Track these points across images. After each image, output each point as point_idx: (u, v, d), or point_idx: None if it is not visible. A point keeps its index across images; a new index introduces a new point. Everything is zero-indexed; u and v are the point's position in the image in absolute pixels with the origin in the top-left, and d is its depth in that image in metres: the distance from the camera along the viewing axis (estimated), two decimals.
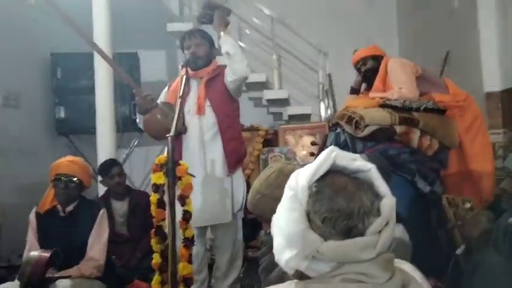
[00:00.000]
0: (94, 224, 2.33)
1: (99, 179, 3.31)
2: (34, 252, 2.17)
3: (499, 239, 1.70)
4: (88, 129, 3.97)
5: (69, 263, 2.24)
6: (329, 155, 0.86)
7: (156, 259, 2.07)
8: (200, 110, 2.53)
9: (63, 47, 4.25)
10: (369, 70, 2.74)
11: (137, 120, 2.65)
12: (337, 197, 0.81)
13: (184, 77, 2.36)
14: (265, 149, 4.32)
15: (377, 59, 2.73)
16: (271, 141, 4.45)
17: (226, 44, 2.47)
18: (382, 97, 2.47)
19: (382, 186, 0.84)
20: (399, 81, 2.53)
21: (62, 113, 4.42)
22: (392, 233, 0.80)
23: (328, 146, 2.42)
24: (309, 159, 3.42)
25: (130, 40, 4.36)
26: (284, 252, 0.83)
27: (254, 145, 4.33)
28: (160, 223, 2.07)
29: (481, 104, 3.08)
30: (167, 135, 1.97)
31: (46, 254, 2.13)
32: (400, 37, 5.25)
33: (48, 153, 4.16)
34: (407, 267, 0.89)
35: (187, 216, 2.10)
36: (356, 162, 0.87)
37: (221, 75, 2.56)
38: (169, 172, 1.96)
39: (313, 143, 3.23)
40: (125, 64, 4.19)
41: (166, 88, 2.74)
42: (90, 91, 3.75)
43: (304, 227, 0.80)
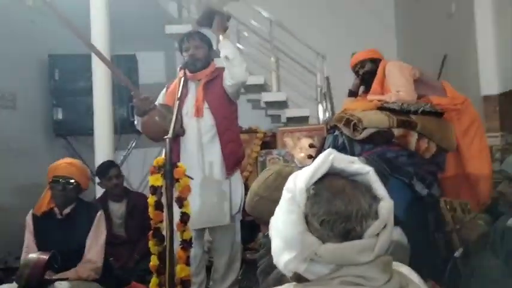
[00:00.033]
0: (91, 226, 2.33)
1: (96, 181, 3.30)
2: (32, 254, 2.16)
3: (497, 242, 1.70)
4: (86, 130, 3.95)
5: (66, 265, 2.23)
6: (327, 158, 0.86)
7: (154, 261, 2.07)
8: (198, 112, 2.53)
9: (61, 49, 4.25)
10: (367, 73, 2.75)
11: (135, 122, 2.66)
12: (335, 200, 0.81)
13: (182, 79, 2.37)
14: (263, 151, 4.32)
15: (375, 62, 2.73)
16: (269, 143, 4.45)
17: (225, 49, 2.48)
18: (380, 100, 2.48)
19: (380, 189, 0.85)
20: (397, 84, 2.54)
21: (60, 115, 4.41)
22: (390, 236, 0.80)
23: (326, 149, 2.43)
24: (307, 161, 3.42)
25: (128, 42, 4.37)
26: (282, 254, 0.83)
27: (252, 147, 4.33)
28: (158, 225, 2.07)
29: (479, 107, 3.08)
30: (165, 137, 1.97)
31: (44, 257, 2.12)
32: (398, 40, 5.27)
33: (45, 154, 4.16)
34: (405, 269, 0.89)
35: (185, 218, 2.10)
36: (354, 165, 0.87)
37: (219, 77, 2.56)
38: (167, 174, 1.96)
39: (311, 146, 3.24)
40: (123, 66, 4.18)
41: (164, 90, 2.74)
42: (88, 93, 3.74)
43: (302, 230, 0.80)
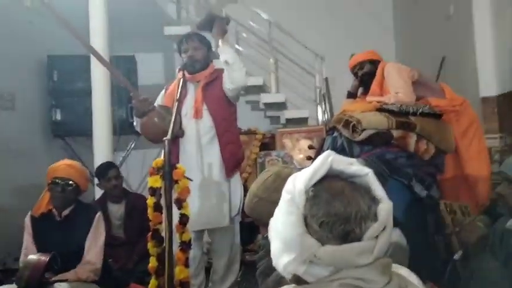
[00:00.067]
0: (90, 228, 2.32)
1: (95, 182, 3.30)
2: (32, 255, 2.15)
3: (496, 244, 1.70)
4: (84, 131, 3.94)
5: (65, 267, 2.23)
6: (326, 160, 0.86)
7: (153, 263, 2.07)
8: (197, 114, 2.53)
9: (59, 49, 4.25)
10: (366, 74, 2.75)
11: (134, 123, 2.65)
12: (334, 201, 0.81)
13: (181, 80, 2.36)
14: (262, 153, 4.32)
15: (374, 64, 2.74)
16: (268, 144, 4.45)
17: (225, 53, 2.49)
18: (379, 101, 2.48)
19: (379, 190, 0.85)
20: (396, 85, 2.54)
21: (59, 115, 4.41)
22: (389, 238, 0.80)
23: (325, 150, 2.43)
24: (306, 162, 3.42)
25: (127, 43, 4.36)
26: (281, 256, 0.83)
27: (251, 149, 4.33)
28: (157, 226, 2.07)
29: (477, 109, 3.09)
30: (164, 138, 1.97)
31: (44, 258, 2.11)
32: (397, 42, 5.27)
33: (44, 155, 4.15)
34: (404, 271, 0.89)
35: (184, 219, 2.09)
36: (353, 166, 0.87)
37: (219, 79, 2.56)
38: (166, 175, 1.95)
39: (310, 147, 3.24)
40: (122, 67, 4.18)
41: (163, 91, 2.74)
42: (86, 93, 3.74)
43: (301, 232, 0.80)
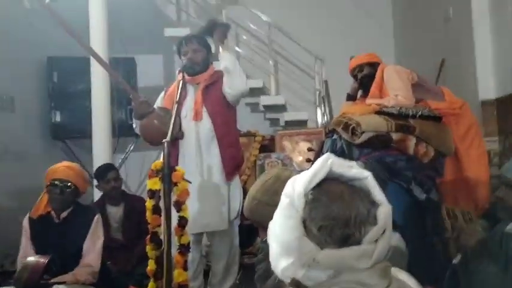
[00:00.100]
0: (89, 230, 2.32)
1: (94, 184, 3.29)
2: (31, 257, 2.15)
3: (495, 248, 1.70)
4: (84, 133, 3.94)
5: (64, 269, 2.22)
6: (325, 163, 0.85)
7: (151, 266, 2.06)
8: (197, 116, 2.53)
9: (59, 51, 4.25)
10: (365, 77, 2.75)
11: (134, 125, 2.65)
12: (333, 205, 0.81)
13: (180, 82, 2.36)
14: (261, 155, 4.32)
15: (373, 66, 2.74)
16: (268, 147, 4.45)
17: (225, 60, 2.50)
18: (378, 104, 2.48)
19: (378, 194, 0.84)
20: (395, 88, 2.54)
21: (58, 117, 4.40)
22: (389, 242, 0.80)
23: (324, 153, 2.42)
24: (306, 165, 3.41)
25: (127, 45, 4.36)
26: (280, 260, 0.83)
27: (251, 151, 4.33)
28: (155, 229, 2.06)
29: (476, 112, 3.09)
30: (163, 140, 1.96)
31: (43, 260, 2.11)
32: (396, 44, 5.28)
33: (43, 157, 4.14)
34: (403, 276, 0.89)
35: (183, 222, 2.09)
36: (352, 169, 0.87)
37: (219, 81, 2.56)
38: (165, 178, 1.95)
39: (309, 149, 3.24)
40: (122, 69, 4.19)
41: (162, 93, 2.73)
42: (86, 95, 3.73)
43: (300, 235, 0.80)
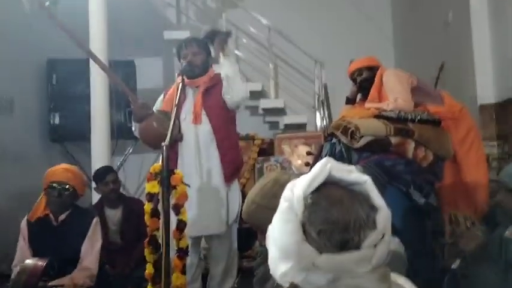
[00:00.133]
0: (87, 233, 2.32)
1: (93, 186, 3.28)
2: (29, 260, 2.14)
3: (495, 253, 1.69)
4: (83, 136, 3.93)
5: (61, 272, 2.21)
6: (324, 167, 0.85)
7: (149, 269, 2.05)
8: (196, 119, 2.53)
9: (59, 53, 4.25)
10: (365, 80, 2.75)
11: (133, 128, 2.64)
12: (332, 209, 0.80)
13: (180, 85, 2.36)
14: (260, 158, 4.32)
15: (372, 70, 2.74)
16: (267, 150, 4.45)
17: (226, 67, 2.50)
18: (377, 108, 2.48)
19: (377, 198, 0.84)
20: (394, 92, 2.54)
21: (57, 119, 4.39)
22: (388, 247, 0.80)
23: (323, 156, 2.42)
24: (305, 168, 3.41)
25: (127, 48, 4.37)
26: (279, 264, 0.82)
27: (250, 154, 4.33)
28: (154, 232, 2.05)
29: (475, 116, 3.09)
30: (162, 144, 1.95)
31: (41, 263, 2.10)
32: (396, 48, 5.29)
33: (42, 159, 4.14)
34: (402, 281, 0.89)
35: (181, 226, 2.08)
36: (352, 174, 0.87)
37: (219, 85, 2.56)
38: (163, 181, 1.93)
39: (308, 153, 3.23)
40: (121, 71, 4.18)
41: (161, 96, 2.73)
42: (85, 98, 3.73)
43: (299, 239, 0.80)
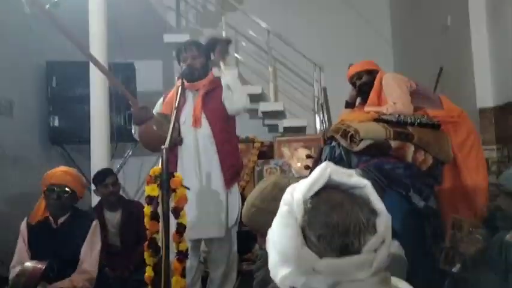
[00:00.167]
0: (86, 236, 2.31)
1: (92, 189, 3.28)
2: (28, 263, 2.14)
3: (495, 257, 1.69)
4: (82, 138, 3.93)
5: (61, 275, 2.21)
6: (324, 171, 0.85)
7: (149, 272, 2.04)
8: (196, 122, 2.53)
9: (58, 56, 4.25)
10: (364, 84, 2.76)
11: (132, 131, 2.64)
12: (332, 213, 0.80)
13: (179, 88, 2.36)
14: (260, 161, 4.32)
15: (372, 74, 2.75)
16: (266, 153, 4.45)
17: (226, 77, 2.50)
18: (376, 111, 2.49)
19: (377, 203, 0.84)
20: (394, 95, 2.55)
21: (56, 122, 4.39)
22: (388, 251, 0.79)
23: (323, 160, 2.42)
24: (304, 171, 3.41)
25: (126, 50, 4.37)
26: (279, 268, 0.82)
27: (249, 157, 4.33)
28: (153, 236, 2.05)
29: (475, 120, 3.09)
30: (162, 147, 1.95)
31: (40, 266, 2.10)
32: (395, 52, 5.30)
33: (41, 162, 4.13)
34: (403, 285, 0.88)
35: (181, 229, 2.08)
36: (352, 178, 0.87)
37: (219, 89, 2.56)
38: (163, 184, 1.93)
39: (308, 156, 3.23)
40: (121, 74, 4.19)
41: (161, 99, 2.74)
42: (85, 100, 3.72)
43: (299, 244, 0.79)
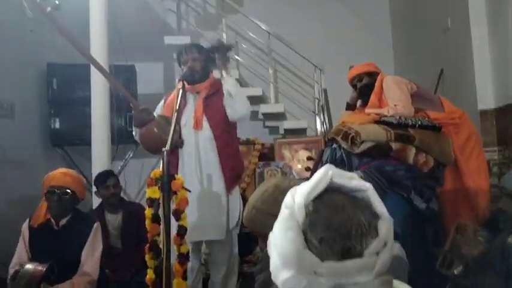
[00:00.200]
0: (88, 238, 2.31)
1: (93, 191, 3.27)
2: (29, 265, 2.13)
3: (497, 260, 1.69)
4: (83, 140, 3.93)
5: (62, 278, 2.21)
6: (325, 174, 0.85)
7: (150, 275, 2.04)
8: (197, 125, 2.52)
9: (59, 58, 4.25)
10: (365, 86, 2.76)
11: (133, 133, 2.64)
12: (334, 217, 0.80)
13: (180, 91, 2.36)
14: (261, 163, 4.32)
15: (372, 76, 2.75)
16: (267, 155, 4.45)
17: (228, 84, 2.50)
18: (377, 113, 2.49)
19: (379, 206, 0.84)
20: (394, 98, 2.55)
21: (57, 124, 4.38)
22: (390, 254, 0.79)
23: (324, 162, 2.42)
24: (305, 173, 3.41)
25: (127, 52, 4.37)
26: (281, 272, 0.82)
27: (250, 159, 4.33)
28: (155, 238, 2.05)
29: (475, 122, 3.09)
30: (163, 149, 1.95)
31: (41, 268, 2.09)
32: (395, 54, 5.30)
33: (42, 164, 4.13)
34: None
35: (182, 231, 2.08)
36: (353, 181, 0.87)
37: (220, 91, 2.55)
38: (164, 186, 1.93)
39: (309, 158, 3.24)
40: (122, 76, 4.19)
41: (162, 101, 2.73)
42: (86, 102, 3.72)
43: (300, 247, 0.79)
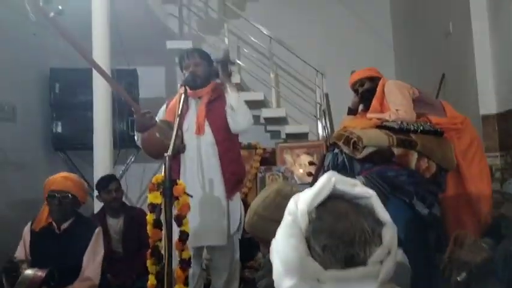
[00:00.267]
0: (89, 243, 2.31)
1: (95, 195, 3.27)
2: (29, 271, 2.13)
3: (499, 266, 1.68)
4: (85, 145, 3.93)
5: (62, 283, 2.20)
6: (328, 180, 0.85)
7: (152, 281, 2.03)
8: (199, 130, 2.52)
9: (62, 62, 4.27)
10: (366, 91, 2.76)
11: (135, 137, 2.64)
12: (337, 224, 0.80)
13: (182, 95, 2.36)
14: (262, 168, 4.31)
15: (374, 81, 2.75)
16: (268, 159, 4.45)
17: (230, 97, 2.51)
18: (379, 118, 2.48)
19: (383, 213, 0.84)
20: (396, 102, 2.54)
21: (59, 128, 4.39)
22: (394, 262, 0.79)
23: (326, 167, 2.41)
24: (306, 178, 3.42)
25: (129, 57, 4.38)
26: (284, 279, 0.82)
27: (252, 163, 4.32)
28: (156, 243, 2.04)
29: (477, 127, 3.08)
30: (165, 154, 1.95)
31: (41, 273, 2.09)
32: (397, 59, 5.30)
33: (44, 168, 4.13)
34: None
35: (184, 237, 2.07)
36: (356, 188, 0.86)
37: (222, 97, 2.56)
38: (166, 192, 1.93)
39: (310, 163, 3.24)
40: (124, 81, 4.20)
41: (164, 106, 2.73)
42: (88, 107, 3.72)
43: (303, 255, 0.79)
